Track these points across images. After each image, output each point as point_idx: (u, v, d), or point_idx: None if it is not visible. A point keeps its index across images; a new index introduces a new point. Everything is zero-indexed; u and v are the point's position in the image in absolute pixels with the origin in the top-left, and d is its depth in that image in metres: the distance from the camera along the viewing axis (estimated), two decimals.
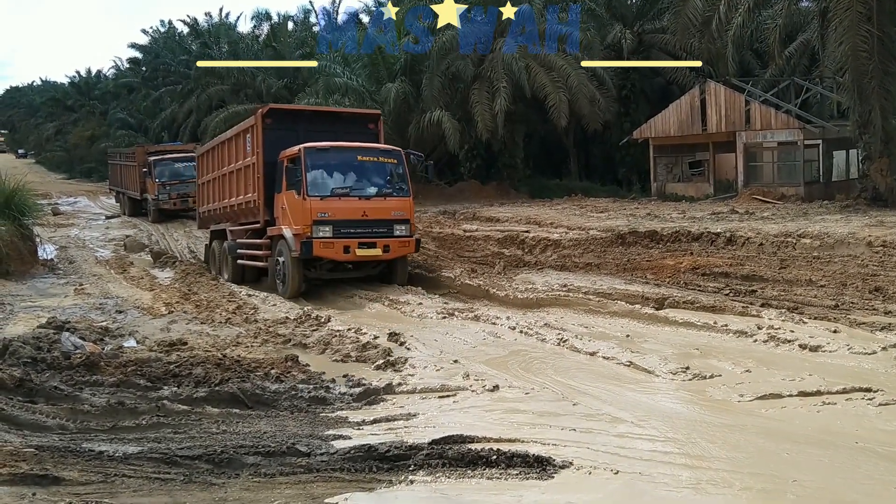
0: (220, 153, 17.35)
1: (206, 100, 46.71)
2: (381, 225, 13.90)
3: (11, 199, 16.74)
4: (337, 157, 14.07)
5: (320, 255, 13.56)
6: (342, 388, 7.61)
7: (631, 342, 9.30)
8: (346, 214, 13.62)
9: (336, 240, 13.49)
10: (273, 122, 14.77)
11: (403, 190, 14.33)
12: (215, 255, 17.88)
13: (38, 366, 7.66)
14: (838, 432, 6.00)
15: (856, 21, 17.76)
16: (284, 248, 13.85)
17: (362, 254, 13.69)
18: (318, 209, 13.43)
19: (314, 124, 15.33)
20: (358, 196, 13.86)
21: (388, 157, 14.44)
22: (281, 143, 14.43)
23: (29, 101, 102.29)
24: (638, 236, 16.68)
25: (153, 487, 4.99)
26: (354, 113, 18.07)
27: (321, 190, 13.59)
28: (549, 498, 5.01)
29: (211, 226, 18.68)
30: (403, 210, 14.18)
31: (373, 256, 13.89)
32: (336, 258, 13.79)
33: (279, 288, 14.23)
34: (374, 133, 15.71)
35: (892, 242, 13.06)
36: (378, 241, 13.78)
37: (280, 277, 14.15)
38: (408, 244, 14.20)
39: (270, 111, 15.02)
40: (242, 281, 16.14)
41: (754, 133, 26.14)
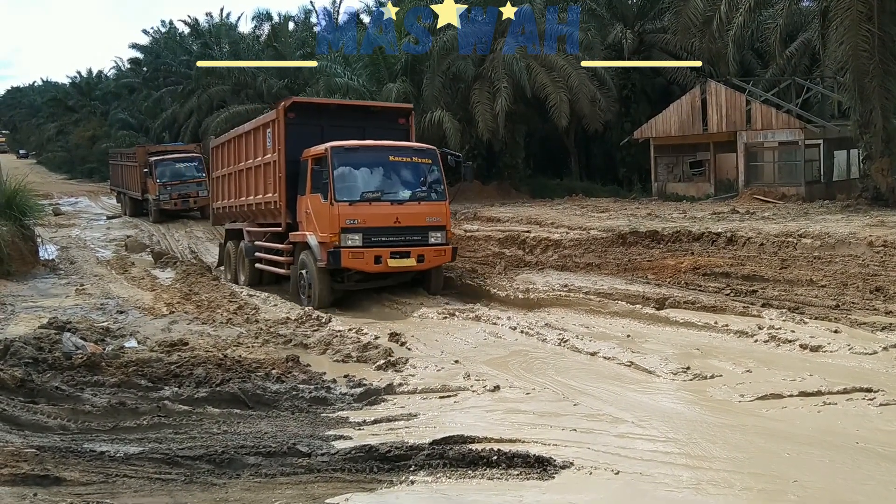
0: (238, 147, 16.27)
1: (206, 100, 46.70)
2: (414, 232, 12.72)
3: (13, 199, 16.74)
4: (367, 158, 12.92)
5: (349, 266, 12.45)
6: (343, 388, 7.61)
7: (632, 342, 9.30)
8: (377, 221, 12.44)
9: (366, 249, 12.34)
10: (296, 116, 13.63)
11: (439, 193, 13.11)
12: (230, 256, 17.09)
13: (39, 366, 7.66)
14: (839, 432, 6.00)
15: (856, 21, 17.76)
16: (309, 257, 12.88)
17: (395, 264, 12.52)
18: (347, 215, 12.28)
19: (340, 119, 14.20)
20: (390, 201, 12.68)
21: (422, 158, 13.19)
22: (304, 139, 13.33)
23: (30, 102, 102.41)
24: (639, 236, 16.68)
25: (154, 488, 4.99)
26: (384, 107, 16.62)
27: (350, 194, 12.44)
28: (549, 498, 5.01)
29: (226, 224, 17.86)
30: (439, 216, 12.97)
31: (406, 267, 12.73)
32: (366, 269, 12.59)
33: (303, 299, 13.20)
34: (405, 129, 14.60)
35: (893, 242, 13.06)
36: (412, 249, 12.62)
37: (304, 289, 13.22)
38: (444, 253, 12.99)
39: (294, 105, 13.81)
40: (260, 284, 15.42)
41: (755, 133, 26.14)
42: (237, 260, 16.46)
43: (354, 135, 13.37)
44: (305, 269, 13.04)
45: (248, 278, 15.67)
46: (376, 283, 13.27)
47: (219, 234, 25.86)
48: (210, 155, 18.83)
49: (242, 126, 16.65)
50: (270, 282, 15.32)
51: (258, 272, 15.44)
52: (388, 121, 14.69)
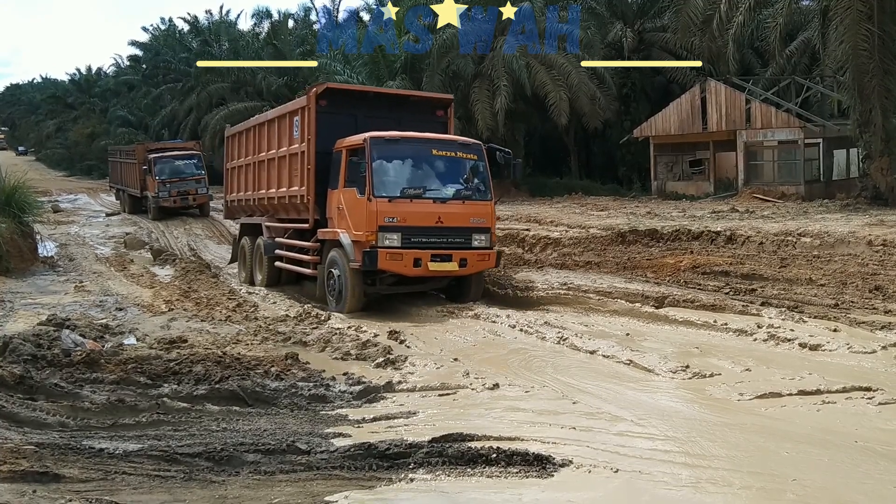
0: (258, 136, 15.23)
1: (206, 97, 46.78)
2: (457, 234, 11.74)
3: (12, 196, 16.73)
4: (408, 151, 11.90)
5: (386, 268, 11.51)
6: (342, 386, 7.61)
7: (631, 341, 9.30)
8: (417, 220, 11.48)
9: (405, 250, 11.37)
10: (328, 104, 12.61)
11: (483, 192, 12.12)
12: (245, 252, 15.98)
13: (38, 363, 7.65)
14: (838, 431, 6.00)
15: (856, 20, 17.77)
16: (340, 257, 11.89)
17: (436, 268, 11.52)
18: (386, 213, 11.32)
19: (375, 109, 13.19)
20: (432, 198, 11.69)
21: (467, 152, 12.23)
22: (336, 128, 12.40)
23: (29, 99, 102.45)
24: (638, 235, 16.69)
25: (153, 485, 4.99)
26: (423, 97, 15.52)
27: (389, 189, 11.48)
28: (548, 496, 5.01)
29: (241, 218, 16.76)
30: (484, 217, 11.99)
31: (448, 272, 11.77)
32: (405, 273, 11.62)
33: (331, 303, 12.23)
34: (443, 122, 13.65)
35: (892, 241, 13.07)
36: (454, 252, 11.61)
37: (333, 291, 12.17)
38: (487, 258, 12.00)
39: (326, 91, 12.78)
40: (278, 284, 14.55)
41: (755, 132, 26.15)
42: (254, 257, 15.47)
43: (390, 126, 12.37)
44: (336, 270, 12.06)
45: (267, 278, 14.69)
46: (411, 287, 12.43)
47: (217, 232, 25.99)
48: (225, 144, 17.94)
49: (264, 114, 15.85)
50: (290, 282, 14.50)
51: (278, 271, 14.52)
52: (426, 112, 13.76)
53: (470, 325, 10.68)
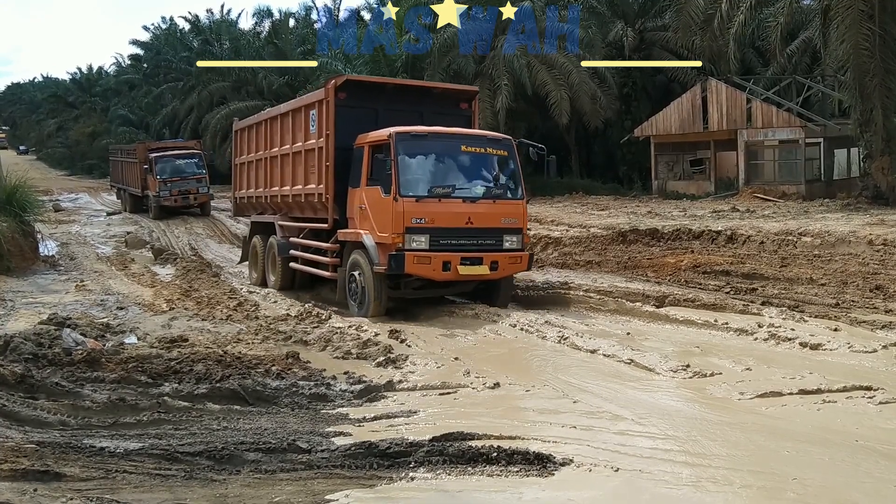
0: (271, 130, 14.52)
1: (207, 96, 46.82)
2: (488, 235, 11.11)
3: (13, 195, 16.73)
4: (436, 147, 11.25)
5: (413, 272, 10.90)
6: (343, 385, 7.61)
7: (631, 340, 9.30)
8: (447, 221, 10.85)
9: (434, 253, 10.75)
10: (347, 97, 11.98)
11: (515, 191, 11.52)
12: (257, 252, 15.26)
13: (39, 362, 7.66)
14: (838, 430, 6.00)
15: (857, 19, 17.78)
16: (363, 260, 11.26)
17: (466, 272, 10.88)
18: (413, 213, 10.66)
19: (396, 102, 12.53)
20: (462, 198, 11.04)
21: (497, 149, 11.53)
22: (355, 123, 11.85)
23: (30, 98, 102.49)
24: (639, 234, 16.70)
25: (154, 483, 4.99)
26: (447, 89, 14.51)
27: (417, 188, 10.84)
28: (549, 495, 5.02)
29: (252, 216, 16.04)
30: (515, 217, 11.35)
31: (478, 275, 11.12)
32: (433, 277, 11.00)
33: (352, 306, 11.67)
34: (467, 115, 13.02)
35: (892, 241, 13.08)
36: (485, 255, 11.00)
37: (355, 295, 11.60)
38: (519, 260, 11.38)
39: (346, 83, 12.08)
40: (293, 287, 13.87)
41: (755, 131, 26.15)
42: (266, 258, 14.71)
43: (411, 120, 11.62)
44: (358, 273, 11.45)
45: (281, 280, 14.01)
46: (436, 291, 11.86)
47: (218, 231, 26.00)
48: (233, 138, 17.19)
49: (277, 107, 15.10)
50: (304, 285, 13.85)
51: (292, 273, 13.84)
52: (449, 105, 13.04)
53: (470, 324, 10.67)
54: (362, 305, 11.37)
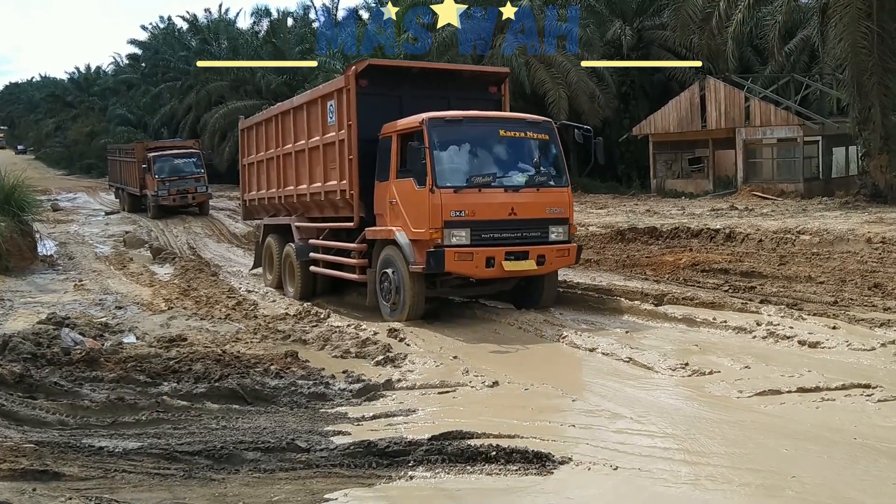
0: (282, 126, 13.69)
1: (205, 96, 46.83)
2: (533, 226, 10.31)
3: (11, 195, 16.73)
4: (472, 132, 10.41)
5: (454, 270, 10.02)
6: (342, 384, 7.61)
7: (630, 338, 9.30)
8: (488, 213, 10.05)
9: (476, 248, 9.91)
10: (369, 84, 11.15)
11: (558, 177, 10.76)
12: (272, 257, 14.41)
13: (37, 361, 7.66)
14: (837, 428, 6.00)
15: (856, 17, 17.79)
16: (397, 259, 10.46)
17: (511, 268, 10.04)
18: (452, 206, 9.84)
19: (421, 88, 11.72)
20: (503, 187, 10.25)
21: (538, 132, 10.72)
22: (378, 112, 11.07)
23: (28, 97, 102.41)
24: (637, 233, 16.71)
25: (153, 483, 4.99)
26: (476, 72, 13.50)
27: (454, 179, 9.99)
28: (548, 494, 5.02)
29: (264, 218, 15.16)
30: (561, 205, 10.58)
31: (525, 271, 10.27)
32: (476, 275, 10.22)
33: (385, 309, 10.88)
34: (497, 99, 12.28)
35: (891, 239, 13.09)
36: (530, 249, 10.19)
37: (387, 296, 10.78)
38: (567, 253, 10.58)
39: (368, 69, 11.19)
40: (314, 294, 12.98)
41: (754, 129, 26.17)
42: (282, 263, 13.82)
43: (438, 107, 10.77)
44: (391, 273, 10.63)
45: (301, 285, 13.06)
46: (475, 290, 11.21)
47: (217, 231, 25.99)
48: (239, 138, 16.42)
49: (289, 100, 14.24)
50: (326, 290, 13.04)
51: (313, 277, 12.95)
52: (477, 89, 12.24)
53: (469, 323, 10.68)
54: (396, 308, 10.62)
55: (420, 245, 10.03)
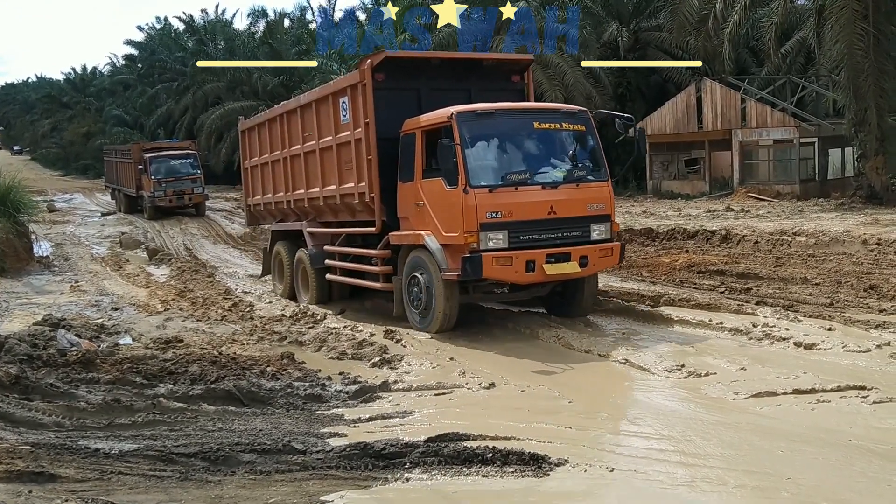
0: (288, 126, 12.95)
1: (201, 97, 46.75)
2: (574, 225, 9.55)
3: (7, 195, 16.71)
4: (504, 126, 9.72)
5: (492, 276, 9.29)
6: (338, 385, 7.62)
7: (626, 339, 9.31)
8: (526, 213, 9.28)
9: (515, 252, 9.16)
10: (386, 78, 10.46)
11: (598, 171, 10.01)
12: (282, 265, 13.69)
13: (33, 363, 7.65)
14: (833, 430, 6.02)
15: (852, 19, 17.81)
16: (427, 265, 9.73)
17: (553, 272, 9.27)
18: (488, 206, 9.07)
19: (440, 80, 10.99)
20: (540, 184, 9.46)
21: (574, 123, 9.95)
22: (396, 108, 10.43)
23: (24, 98, 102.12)
24: (634, 234, 16.72)
25: (149, 485, 5.00)
26: (498, 60, 12.48)
27: (488, 177, 9.28)
28: (544, 495, 5.03)
29: (271, 224, 14.50)
30: (602, 201, 9.81)
31: (567, 274, 9.48)
32: (515, 280, 9.50)
33: (414, 318, 10.18)
34: (520, 89, 11.53)
35: (887, 240, 13.11)
36: (572, 250, 9.42)
37: (417, 306, 10.06)
38: (610, 253, 9.82)
39: (385, 62, 10.47)
40: (330, 300, 12.34)
41: (750, 131, 26.18)
42: (295, 270, 13.10)
43: (458, 99, 10.21)
44: (421, 280, 9.87)
45: (317, 293, 12.39)
46: (510, 295, 10.48)
47: (213, 232, 25.94)
48: (240, 140, 15.66)
49: (294, 99, 13.53)
50: (343, 297, 12.41)
51: (328, 286, 12.31)
52: (500, 79, 11.46)
53: (465, 325, 10.67)
54: (427, 318, 9.93)
55: (453, 250, 9.33)
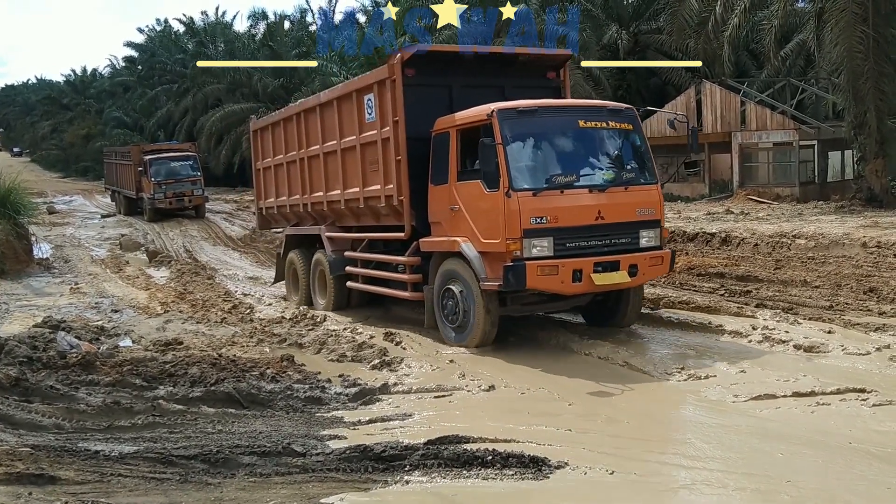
0: (305, 125, 12.33)
1: (202, 99, 46.77)
2: (622, 231, 8.88)
3: (7, 197, 16.71)
4: (547, 125, 9.04)
5: (537, 287, 8.59)
6: (338, 387, 7.61)
7: (626, 342, 9.31)
8: (572, 218, 8.61)
9: (561, 260, 8.48)
10: (416, 74, 9.85)
11: (647, 173, 9.31)
12: (297, 270, 13.01)
13: (33, 365, 7.65)
14: (832, 433, 6.02)
15: (851, 22, 17.83)
16: (463, 274, 9.09)
17: (602, 282, 8.60)
18: (532, 211, 8.40)
19: (473, 77, 10.40)
20: (587, 186, 8.79)
21: (621, 121, 9.32)
22: (426, 105, 9.80)
23: (24, 100, 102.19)
24: None
25: (149, 487, 5.00)
26: (535, 55, 11.47)
27: (532, 179, 8.63)
28: (544, 498, 5.03)
29: (285, 228, 13.80)
30: (651, 206, 9.11)
31: (617, 284, 8.83)
32: (562, 291, 8.78)
33: (448, 333, 9.51)
34: (556, 86, 10.93)
35: (886, 243, 13.11)
36: (621, 258, 8.75)
37: (452, 318, 9.39)
38: (660, 261, 9.15)
39: (415, 58, 9.86)
40: (348, 306, 11.85)
41: (750, 133, 26.21)
42: (312, 276, 12.54)
43: (491, 97, 9.49)
44: (457, 288, 9.24)
45: (335, 300, 11.85)
46: (548, 306, 9.89)
47: (213, 234, 25.93)
48: (252, 140, 15.07)
49: (314, 96, 12.86)
50: (362, 303, 11.86)
51: (347, 291, 11.75)
52: (535, 75, 10.89)
53: None
54: (463, 331, 9.27)
55: (492, 258, 8.69)
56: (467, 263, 8.97)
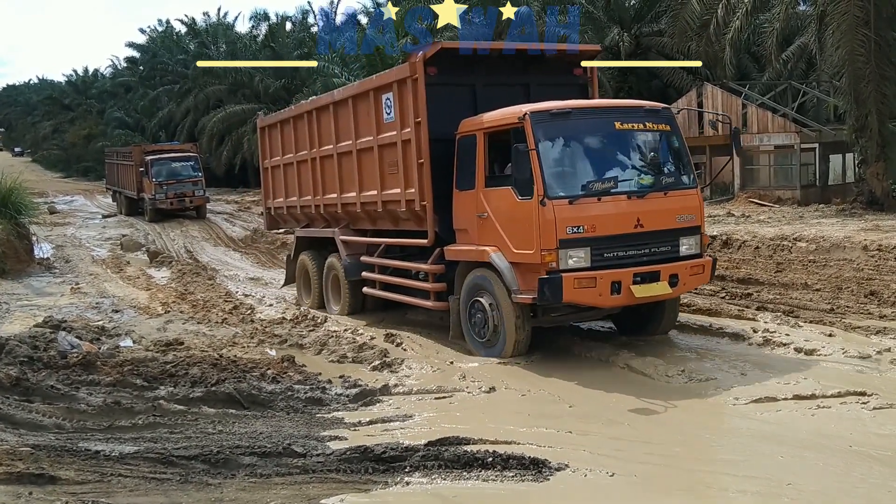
0: (319, 124, 11.88)
1: (203, 99, 46.79)
2: (662, 240, 8.39)
3: (8, 197, 16.73)
4: (583, 127, 8.49)
5: (574, 300, 8.11)
6: (338, 388, 7.62)
7: (627, 345, 9.30)
8: (610, 227, 8.12)
9: (599, 271, 7.98)
10: (439, 72, 9.36)
11: (684, 176, 8.83)
12: (308, 273, 12.70)
13: (34, 365, 7.66)
14: (833, 436, 6.02)
15: (853, 25, 17.80)
16: (493, 285, 8.60)
17: (642, 294, 8.11)
18: (569, 220, 7.91)
19: (497, 75, 9.93)
20: (625, 192, 8.26)
21: (658, 122, 8.80)
22: (448, 105, 9.41)
23: (26, 100, 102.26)
24: None
25: (149, 487, 5.00)
26: (562, 51, 10.82)
27: (567, 186, 8.10)
28: (544, 500, 5.03)
29: (297, 230, 13.32)
30: (692, 211, 8.63)
31: (658, 296, 8.36)
32: (600, 304, 8.31)
33: (475, 345, 9.07)
34: (582, 83, 10.41)
35: (887, 246, 13.09)
36: (661, 268, 8.27)
37: (481, 331, 8.91)
38: (702, 270, 8.64)
39: (438, 55, 9.32)
40: (362, 310, 11.58)
41: (751, 136, 26.20)
42: (326, 280, 12.20)
43: (516, 96, 9.33)
44: (486, 300, 8.75)
45: (350, 305, 11.60)
46: (580, 316, 9.40)
47: (214, 234, 25.94)
48: (259, 138, 14.64)
49: (328, 94, 12.48)
50: (377, 307, 11.53)
51: (362, 297, 11.47)
52: (561, 73, 10.32)
53: None
54: (493, 345, 8.81)
55: (525, 269, 8.23)
56: (497, 274, 8.51)
